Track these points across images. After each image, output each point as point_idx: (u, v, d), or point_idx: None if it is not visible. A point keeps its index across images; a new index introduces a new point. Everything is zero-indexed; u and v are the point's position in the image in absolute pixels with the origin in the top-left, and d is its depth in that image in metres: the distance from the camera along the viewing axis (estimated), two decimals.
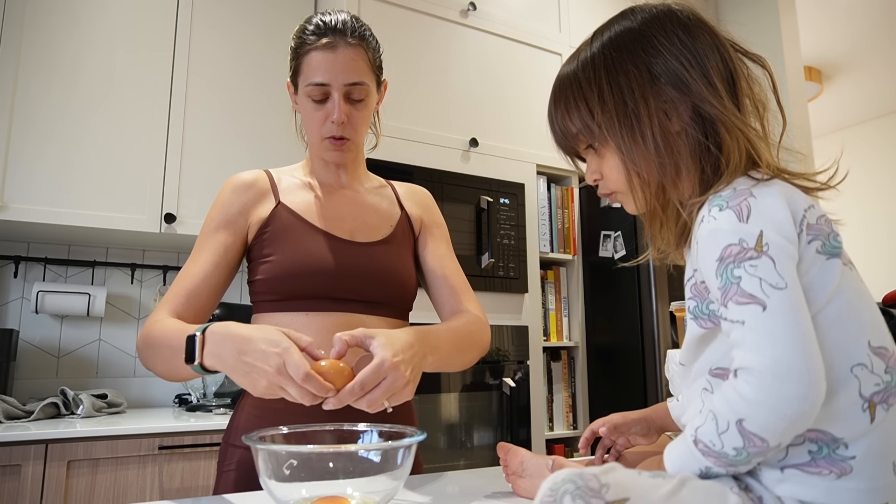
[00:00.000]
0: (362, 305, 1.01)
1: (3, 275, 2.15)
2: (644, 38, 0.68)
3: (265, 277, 1.00)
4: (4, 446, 1.56)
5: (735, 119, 0.64)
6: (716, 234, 0.59)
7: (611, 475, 0.54)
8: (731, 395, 0.55)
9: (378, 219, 1.11)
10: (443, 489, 0.91)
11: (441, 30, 2.34)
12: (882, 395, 0.57)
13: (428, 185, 2.20)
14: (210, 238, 1.01)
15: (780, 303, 0.54)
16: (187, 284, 0.97)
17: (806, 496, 0.55)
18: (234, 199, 1.04)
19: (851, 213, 4.98)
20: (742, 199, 0.59)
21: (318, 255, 1.00)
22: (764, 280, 0.55)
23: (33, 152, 1.94)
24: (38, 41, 1.99)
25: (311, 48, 1.00)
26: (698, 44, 0.67)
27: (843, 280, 0.60)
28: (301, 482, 0.69)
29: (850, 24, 3.67)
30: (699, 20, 0.69)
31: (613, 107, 0.67)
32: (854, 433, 0.55)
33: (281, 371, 0.75)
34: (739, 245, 0.57)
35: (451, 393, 2.10)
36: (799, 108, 2.96)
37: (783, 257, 0.56)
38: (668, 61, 0.66)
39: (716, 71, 0.66)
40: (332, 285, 0.99)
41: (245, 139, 2.25)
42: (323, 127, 1.03)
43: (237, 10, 2.32)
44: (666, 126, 0.66)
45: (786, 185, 0.62)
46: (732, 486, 0.57)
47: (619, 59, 0.68)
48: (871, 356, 0.57)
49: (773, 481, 0.57)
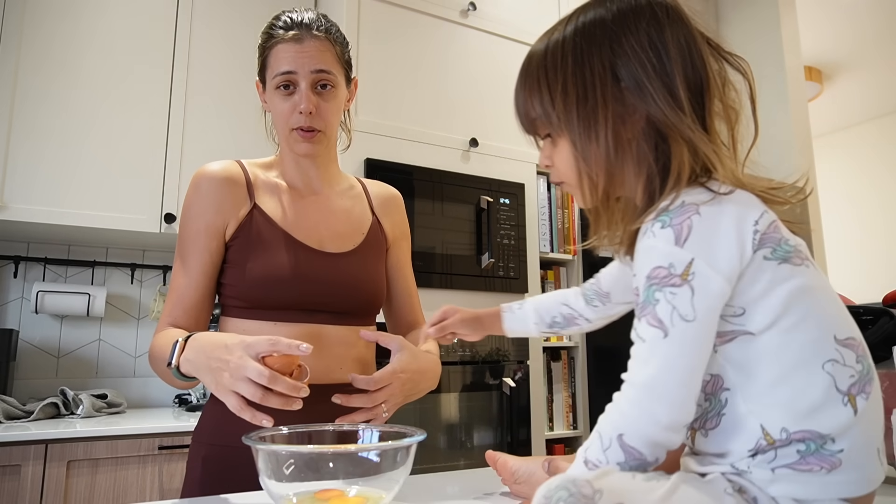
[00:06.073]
0: (329, 316, 1.03)
1: (3, 275, 2.15)
2: (614, 34, 0.66)
3: (235, 284, 1.00)
4: (4, 446, 1.56)
5: (690, 133, 0.62)
6: (650, 253, 0.59)
7: (604, 480, 0.54)
8: (613, 410, 0.59)
9: (349, 226, 1.10)
10: (443, 489, 0.91)
11: (441, 30, 2.34)
12: (859, 386, 0.58)
13: (428, 185, 2.22)
14: (194, 244, 1.01)
15: (682, 335, 0.56)
16: (183, 298, 0.99)
17: (799, 494, 0.56)
18: (209, 199, 1.02)
19: (851, 214, 4.98)
20: (686, 217, 0.58)
21: (288, 266, 1.00)
22: (676, 310, 0.56)
23: (33, 152, 1.94)
24: (37, 41, 1.99)
25: (278, 41, 1.02)
26: (669, 46, 0.64)
27: (799, 281, 0.59)
28: (301, 482, 0.69)
29: (851, 24, 3.67)
30: (678, 16, 0.67)
31: (574, 101, 0.65)
32: (840, 428, 0.56)
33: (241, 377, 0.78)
34: (668, 269, 0.57)
35: (451, 393, 2.10)
36: (799, 108, 2.96)
37: (703, 290, 0.57)
38: (631, 65, 0.64)
39: (682, 77, 0.64)
40: (301, 296, 1.00)
41: (245, 139, 2.25)
42: (291, 118, 1.02)
43: (237, 10, 2.32)
44: (619, 132, 0.64)
45: (740, 197, 0.60)
46: (727, 488, 0.57)
47: (587, 52, 0.66)
48: (839, 349, 0.58)
49: (765, 482, 0.57)
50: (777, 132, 2.94)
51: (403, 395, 0.95)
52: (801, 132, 2.94)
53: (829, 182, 4.91)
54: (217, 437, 0.99)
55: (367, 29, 2.17)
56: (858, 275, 4.72)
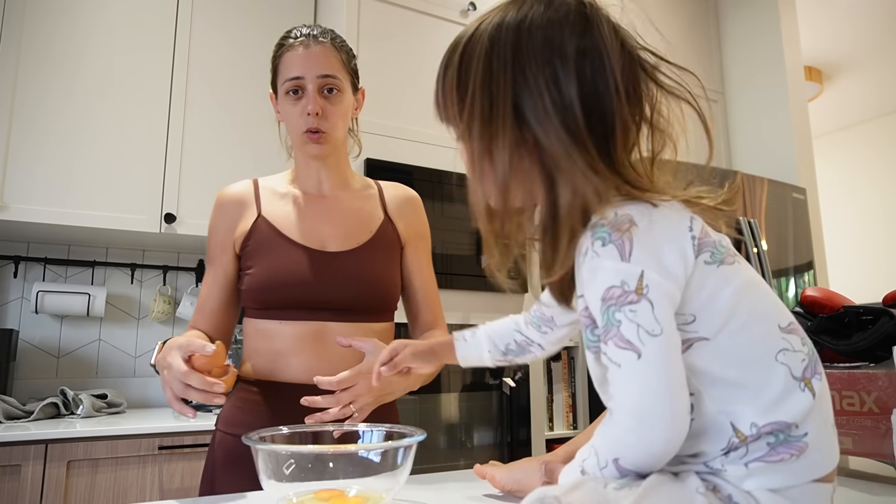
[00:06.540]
0: (332, 313, 1.06)
1: (3, 275, 2.16)
2: (526, 52, 0.61)
3: (246, 288, 1.08)
4: (4, 446, 1.56)
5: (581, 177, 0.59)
6: (599, 274, 0.58)
7: (573, 494, 0.54)
8: (608, 434, 0.58)
9: (356, 225, 1.13)
10: (443, 489, 0.91)
11: (441, 30, 2.34)
12: (811, 369, 0.59)
13: (428, 185, 2.22)
14: (213, 259, 1.13)
15: (654, 351, 0.55)
16: (203, 306, 1.12)
17: (773, 484, 0.56)
18: (221, 219, 1.13)
19: (852, 214, 4.98)
20: (624, 230, 0.57)
21: (289, 268, 1.06)
22: (641, 326, 0.56)
23: (33, 152, 1.94)
24: (37, 41, 2.00)
25: (286, 49, 1.10)
26: (586, 65, 0.60)
27: (738, 281, 0.60)
28: (301, 482, 0.69)
29: (851, 24, 3.67)
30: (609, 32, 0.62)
31: (479, 117, 0.63)
32: (802, 413, 0.57)
33: (172, 375, 0.88)
34: (621, 287, 0.57)
35: (451, 393, 2.10)
36: (799, 108, 2.96)
37: (661, 299, 0.56)
38: (533, 94, 0.61)
39: (582, 112, 0.60)
40: (303, 295, 1.05)
41: (245, 139, 2.25)
42: (300, 121, 1.09)
43: (237, 10, 2.32)
44: (514, 160, 0.62)
45: (669, 205, 0.60)
46: (699, 487, 0.57)
47: (498, 67, 0.62)
48: (786, 337, 0.59)
49: (739, 478, 0.57)
50: (777, 132, 2.94)
51: (373, 395, 0.96)
52: (802, 132, 2.94)
53: (829, 182, 4.91)
54: (228, 426, 1.09)
55: (367, 29, 2.17)
56: (858, 274, 4.72)
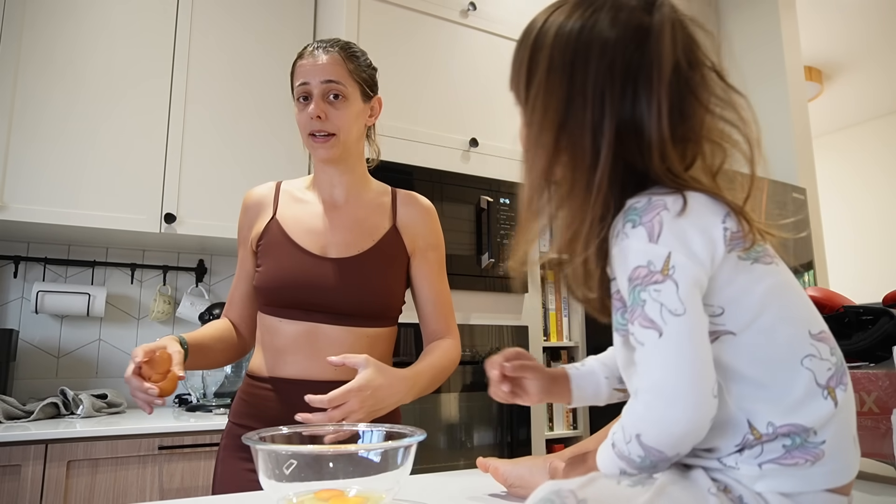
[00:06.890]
0: (326, 316, 1.11)
1: (3, 275, 2.16)
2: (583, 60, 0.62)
3: (256, 285, 1.17)
4: (4, 446, 1.56)
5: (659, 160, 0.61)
6: (627, 254, 0.59)
7: (588, 489, 0.55)
8: (632, 412, 0.59)
9: (359, 234, 1.17)
10: (443, 489, 0.91)
11: (441, 30, 2.34)
12: (836, 378, 0.59)
13: (428, 185, 2.22)
14: (240, 255, 1.24)
15: (676, 330, 0.56)
16: (232, 297, 1.25)
17: (785, 488, 0.56)
18: (244, 218, 1.23)
19: (852, 213, 4.98)
20: (655, 213, 0.58)
21: (289, 270, 1.12)
22: (664, 306, 0.56)
23: (33, 152, 1.94)
24: (38, 42, 1.99)
25: (300, 59, 1.17)
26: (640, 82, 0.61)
27: (772, 280, 0.60)
28: (301, 482, 0.69)
29: (850, 25, 3.67)
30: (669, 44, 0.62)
31: (542, 106, 0.64)
32: (822, 420, 0.57)
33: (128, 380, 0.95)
34: (647, 268, 0.58)
35: (451, 393, 2.10)
36: (799, 108, 2.96)
37: (687, 281, 0.57)
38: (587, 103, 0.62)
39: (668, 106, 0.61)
40: (300, 297, 1.11)
41: (245, 139, 2.25)
42: (306, 124, 1.14)
43: (237, 12, 2.32)
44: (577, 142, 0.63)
45: (704, 195, 0.61)
46: (710, 488, 0.57)
47: (574, 63, 0.63)
48: (815, 344, 0.59)
49: (751, 479, 0.57)
50: (777, 132, 2.94)
51: (365, 410, 0.98)
52: (802, 132, 2.94)
53: (823, 184, 4.90)
54: (235, 417, 1.16)
55: (367, 29, 2.17)
56: (853, 275, 4.71)
